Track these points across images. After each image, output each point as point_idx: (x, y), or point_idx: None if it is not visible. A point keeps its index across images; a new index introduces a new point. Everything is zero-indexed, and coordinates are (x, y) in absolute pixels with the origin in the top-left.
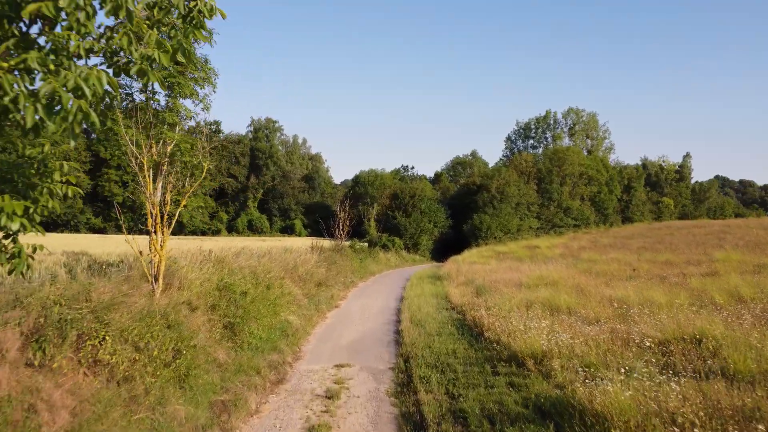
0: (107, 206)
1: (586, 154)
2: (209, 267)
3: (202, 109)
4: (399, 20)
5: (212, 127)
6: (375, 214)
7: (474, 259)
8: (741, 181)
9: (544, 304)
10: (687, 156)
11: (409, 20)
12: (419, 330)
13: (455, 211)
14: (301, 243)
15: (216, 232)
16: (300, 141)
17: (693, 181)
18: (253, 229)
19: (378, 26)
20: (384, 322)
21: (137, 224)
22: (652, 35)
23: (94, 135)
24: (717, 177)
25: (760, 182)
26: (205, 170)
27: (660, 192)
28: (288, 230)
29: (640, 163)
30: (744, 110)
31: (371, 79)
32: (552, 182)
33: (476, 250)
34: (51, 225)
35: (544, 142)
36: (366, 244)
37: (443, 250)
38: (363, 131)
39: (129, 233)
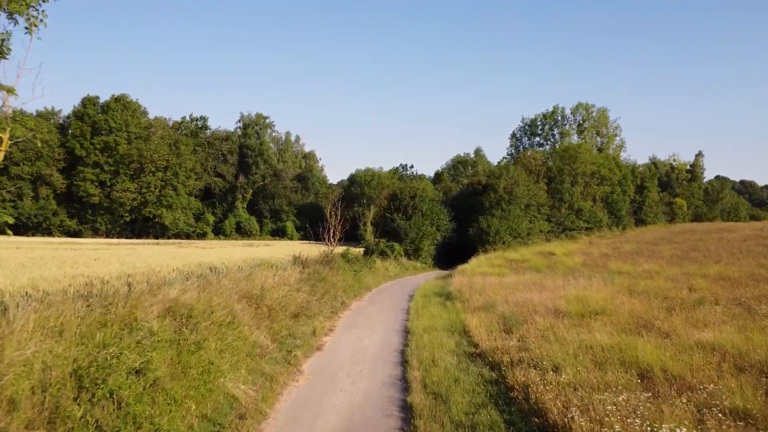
0: (83, 207)
1: (596, 151)
2: (85, 322)
3: None
4: (398, 19)
5: (198, 122)
6: (372, 217)
7: (485, 268)
8: (742, 182)
9: (622, 361)
10: (699, 155)
11: (407, 19)
12: (440, 412)
13: (458, 213)
14: (289, 249)
15: (202, 235)
16: (293, 138)
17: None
18: (241, 232)
19: (376, 25)
20: (384, 382)
21: (114, 227)
22: (651, 34)
23: (70, 130)
24: (718, 177)
25: (760, 182)
26: None
27: (671, 192)
28: (279, 233)
29: (648, 162)
30: (743, 110)
31: (369, 78)
32: (563, 182)
33: (484, 258)
34: (21, 228)
35: (552, 140)
36: (362, 249)
37: (446, 255)
38: (360, 130)
39: (107, 236)
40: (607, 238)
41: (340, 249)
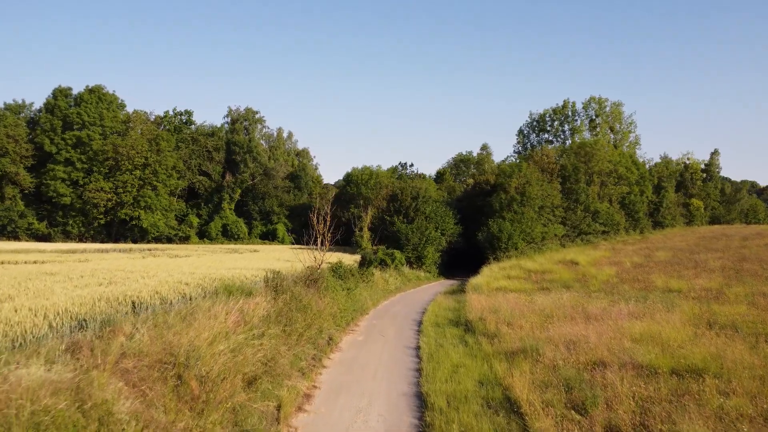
0: (54, 209)
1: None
2: None
3: None
4: (394, 12)
5: (182, 116)
6: (369, 221)
7: (501, 282)
8: (743, 182)
9: None
10: (715, 153)
11: (404, 12)
12: None
13: (463, 216)
14: (278, 255)
15: (185, 239)
16: (285, 134)
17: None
18: (228, 235)
19: (373, 18)
20: None
21: (88, 230)
22: (646, 31)
23: (40, 124)
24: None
25: (761, 182)
26: None
27: (685, 193)
28: (269, 236)
29: (659, 160)
30: (741, 109)
31: (367, 77)
32: (579, 181)
33: (497, 267)
34: None
35: (562, 136)
36: (358, 257)
37: (452, 263)
38: (357, 128)
39: (80, 240)
40: (630, 243)
41: (332, 256)
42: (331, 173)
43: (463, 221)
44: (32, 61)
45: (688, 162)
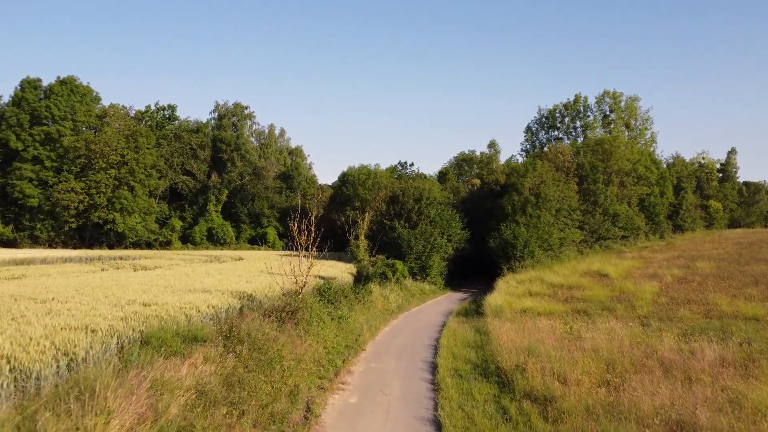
0: (20, 211)
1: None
2: None
3: None
4: (395, 15)
5: (165, 111)
6: (367, 227)
7: (525, 302)
8: (746, 183)
9: None
10: (732, 152)
11: (406, 15)
12: None
13: (470, 219)
14: (263, 266)
15: (166, 244)
16: (277, 132)
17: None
18: (214, 240)
19: (369, 13)
20: None
21: (58, 235)
22: (649, 30)
23: (5, 118)
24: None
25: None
26: None
27: (701, 194)
28: (259, 240)
29: (671, 160)
30: (742, 109)
31: (366, 76)
32: (596, 181)
33: (515, 281)
34: None
35: (573, 133)
36: (352, 267)
37: (459, 272)
38: (355, 129)
39: (50, 246)
40: (657, 251)
41: (324, 266)
42: (328, 174)
43: (469, 225)
44: (5, 52)
45: (703, 161)
